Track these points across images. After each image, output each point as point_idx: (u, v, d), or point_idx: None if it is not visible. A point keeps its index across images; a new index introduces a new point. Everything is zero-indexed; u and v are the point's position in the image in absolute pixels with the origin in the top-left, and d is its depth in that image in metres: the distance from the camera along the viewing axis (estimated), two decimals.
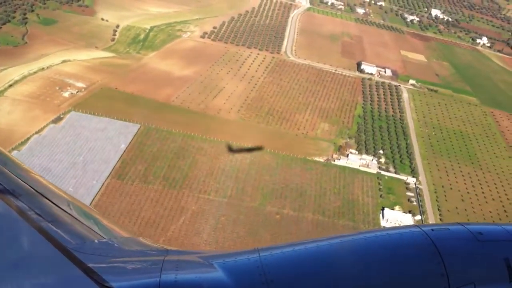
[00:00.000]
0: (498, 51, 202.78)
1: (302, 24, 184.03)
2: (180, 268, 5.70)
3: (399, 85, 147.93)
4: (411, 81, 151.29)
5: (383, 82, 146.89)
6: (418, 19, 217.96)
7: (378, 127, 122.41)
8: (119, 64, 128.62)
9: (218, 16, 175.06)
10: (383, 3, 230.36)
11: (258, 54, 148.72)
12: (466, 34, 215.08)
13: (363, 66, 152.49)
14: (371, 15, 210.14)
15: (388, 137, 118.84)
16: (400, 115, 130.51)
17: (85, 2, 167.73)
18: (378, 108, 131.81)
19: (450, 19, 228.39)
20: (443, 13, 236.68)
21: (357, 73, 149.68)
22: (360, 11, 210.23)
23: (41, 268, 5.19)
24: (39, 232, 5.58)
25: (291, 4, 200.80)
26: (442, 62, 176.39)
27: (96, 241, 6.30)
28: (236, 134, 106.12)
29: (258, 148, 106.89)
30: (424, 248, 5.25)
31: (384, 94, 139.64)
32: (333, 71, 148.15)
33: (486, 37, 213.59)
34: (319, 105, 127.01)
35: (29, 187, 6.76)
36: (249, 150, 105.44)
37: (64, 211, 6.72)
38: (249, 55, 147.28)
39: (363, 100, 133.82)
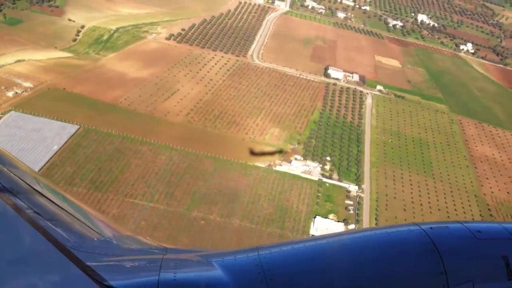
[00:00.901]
0: (482, 57, 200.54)
1: (276, 27, 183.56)
2: (179, 266, 5.75)
3: (365, 91, 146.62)
4: (379, 87, 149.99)
5: (348, 88, 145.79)
6: (401, 24, 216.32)
7: (332, 133, 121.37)
8: (74, 65, 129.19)
9: (191, 18, 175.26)
10: (367, 8, 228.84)
11: (222, 57, 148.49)
12: (451, 40, 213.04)
13: (329, 71, 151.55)
14: (352, 20, 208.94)
15: (340, 143, 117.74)
16: (358, 122, 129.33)
17: (56, 3, 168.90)
18: (336, 114, 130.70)
19: (436, 25, 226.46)
20: (430, 18, 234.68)
21: (323, 78, 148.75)
22: (341, 15, 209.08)
23: (40, 267, 5.21)
24: (37, 231, 5.63)
25: (269, 8, 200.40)
26: (417, 68, 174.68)
27: (94, 239, 6.38)
28: (178, 137, 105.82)
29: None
30: (423, 246, 5.28)
31: (346, 100, 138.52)
32: (298, 75, 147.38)
33: (472, 43, 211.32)
34: (274, 109, 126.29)
35: (28, 185, 6.83)
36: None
37: (63, 209, 6.80)
38: (213, 57, 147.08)
39: (323, 105, 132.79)
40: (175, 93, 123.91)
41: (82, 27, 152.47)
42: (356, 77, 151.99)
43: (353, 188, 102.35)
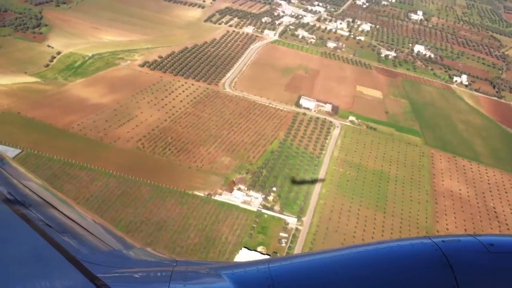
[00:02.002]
0: (475, 90, 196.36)
1: (258, 56, 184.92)
2: (189, 278, 5.87)
3: (335, 121, 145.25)
4: (351, 118, 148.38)
5: (318, 118, 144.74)
6: (394, 54, 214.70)
7: (287, 164, 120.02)
8: (38, 90, 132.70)
9: (172, 46, 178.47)
10: (362, 38, 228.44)
11: (192, 84, 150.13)
12: (445, 71, 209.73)
13: (301, 101, 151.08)
14: (343, 50, 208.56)
15: (293, 174, 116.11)
16: (319, 152, 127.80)
17: (41, 30, 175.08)
18: (298, 144, 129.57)
19: (432, 56, 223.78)
20: (428, 49, 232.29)
21: (293, 108, 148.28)
22: (331, 45, 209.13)
23: (51, 279, 5.39)
24: (49, 243, 5.87)
25: (257, 36, 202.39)
26: (400, 100, 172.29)
27: (105, 251, 6.59)
28: (121, 164, 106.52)
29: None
30: (435, 260, 5.29)
31: (312, 130, 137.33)
32: (267, 104, 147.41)
33: (468, 75, 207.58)
34: (232, 138, 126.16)
35: (40, 198, 7.19)
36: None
37: (74, 221, 7.09)
38: (182, 85, 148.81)
39: (285, 135, 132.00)
40: (132, 119, 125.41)
41: (59, 53, 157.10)
42: (328, 107, 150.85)
43: (292, 220, 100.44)
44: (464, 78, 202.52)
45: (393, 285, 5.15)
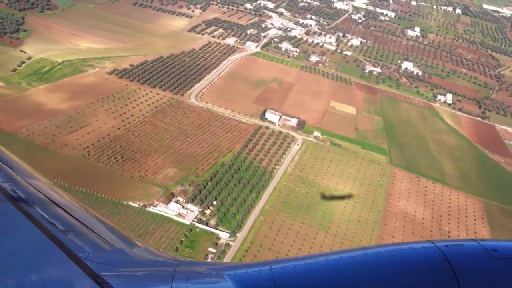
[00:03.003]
0: (459, 109, 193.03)
1: (234, 67, 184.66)
2: (191, 278, 5.97)
3: (298, 136, 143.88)
4: (316, 133, 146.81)
5: (281, 132, 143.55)
6: (379, 70, 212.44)
7: (237, 178, 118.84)
8: None
9: (148, 55, 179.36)
10: (349, 53, 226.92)
11: (157, 94, 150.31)
12: (431, 89, 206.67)
13: (267, 114, 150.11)
14: (325, 64, 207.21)
15: (240, 188, 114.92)
16: (273, 167, 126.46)
17: (19, 35, 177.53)
18: (252, 158, 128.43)
19: (420, 73, 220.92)
20: (417, 66, 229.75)
21: (257, 121, 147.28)
22: (314, 59, 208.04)
23: (53, 277, 5.49)
24: (51, 241, 5.98)
25: (238, 48, 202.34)
26: (374, 117, 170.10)
27: (108, 250, 6.71)
28: (60, 171, 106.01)
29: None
30: (438, 264, 5.30)
31: (272, 144, 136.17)
32: (231, 116, 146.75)
33: (454, 94, 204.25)
34: (184, 149, 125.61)
35: (43, 196, 7.30)
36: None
37: (77, 220, 7.18)
38: (147, 94, 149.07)
39: (241, 148, 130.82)
40: (85, 126, 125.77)
41: (29, 58, 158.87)
42: (294, 122, 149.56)
43: (224, 235, 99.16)
44: (449, 97, 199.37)
45: None
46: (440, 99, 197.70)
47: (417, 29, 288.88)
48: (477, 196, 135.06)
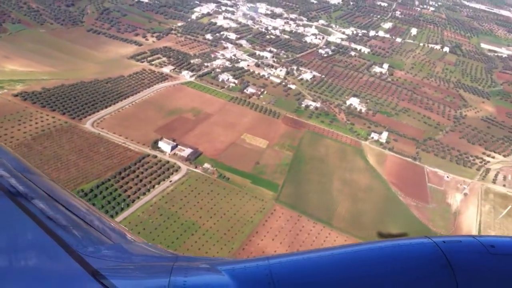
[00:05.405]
0: (389, 149, 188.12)
1: (155, 95, 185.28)
2: (189, 274, 6.04)
3: (184, 167, 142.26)
4: (206, 165, 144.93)
5: (168, 162, 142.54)
6: (318, 105, 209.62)
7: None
8: None
9: (70, 79, 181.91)
10: (293, 86, 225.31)
11: (53, 117, 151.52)
12: (368, 127, 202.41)
13: (160, 143, 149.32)
14: (260, 96, 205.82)
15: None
16: (137, 197, 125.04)
17: None
18: (119, 186, 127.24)
19: (363, 110, 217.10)
20: (365, 103, 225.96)
21: (147, 149, 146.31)
22: (251, 90, 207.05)
23: (51, 272, 5.63)
24: (50, 236, 6.09)
25: (170, 77, 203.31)
26: (284, 151, 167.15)
27: (106, 245, 6.91)
28: None
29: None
30: (435, 260, 5.41)
31: (149, 174, 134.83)
32: (121, 143, 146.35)
33: (393, 133, 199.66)
34: (46, 173, 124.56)
35: (42, 191, 7.48)
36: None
37: (75, 215, 7.41)
38: (42, 117, 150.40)
39: (111, 176, 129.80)
40: None
41: None
42: (187, 152, 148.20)
43: None
44: (384, 136, 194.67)
45: (392, 284, 5.14)
46: (373, 138, 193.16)
47: (386, 66, 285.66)
48: (360, 239, 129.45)
